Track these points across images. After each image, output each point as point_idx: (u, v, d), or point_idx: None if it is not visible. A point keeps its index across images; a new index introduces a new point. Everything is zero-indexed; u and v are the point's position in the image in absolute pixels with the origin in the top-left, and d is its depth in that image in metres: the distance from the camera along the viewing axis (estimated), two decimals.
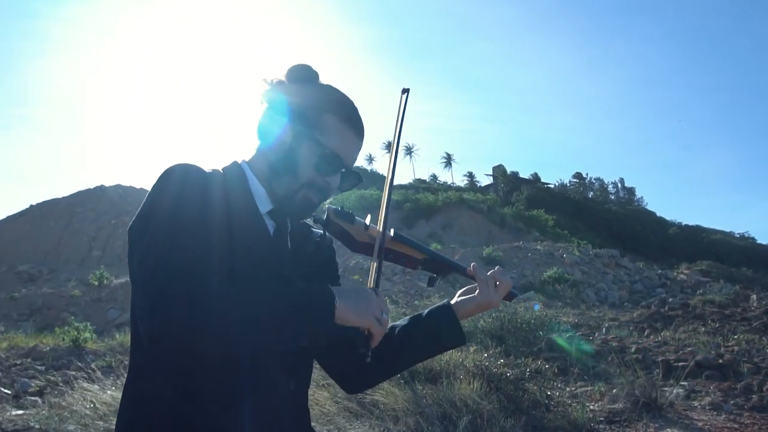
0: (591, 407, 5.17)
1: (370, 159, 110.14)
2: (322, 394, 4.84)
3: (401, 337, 1.49)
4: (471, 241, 43.06)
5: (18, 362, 9.35)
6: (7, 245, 44.54)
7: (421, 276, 25.27)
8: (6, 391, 7.12)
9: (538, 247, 29.81)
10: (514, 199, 71.75)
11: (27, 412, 5.62)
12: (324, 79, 1.38)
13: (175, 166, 1.21)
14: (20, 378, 8.05)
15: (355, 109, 1.38)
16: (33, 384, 7.56)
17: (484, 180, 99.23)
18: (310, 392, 4.50)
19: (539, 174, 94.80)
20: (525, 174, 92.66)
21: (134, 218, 1.17)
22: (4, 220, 49.44)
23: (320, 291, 1.14)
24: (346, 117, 1.34)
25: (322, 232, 1.47)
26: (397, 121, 1.36)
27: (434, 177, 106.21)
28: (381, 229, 1.35)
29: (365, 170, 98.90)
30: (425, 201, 57.52)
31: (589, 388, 5.92)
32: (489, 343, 6.96)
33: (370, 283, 1.28)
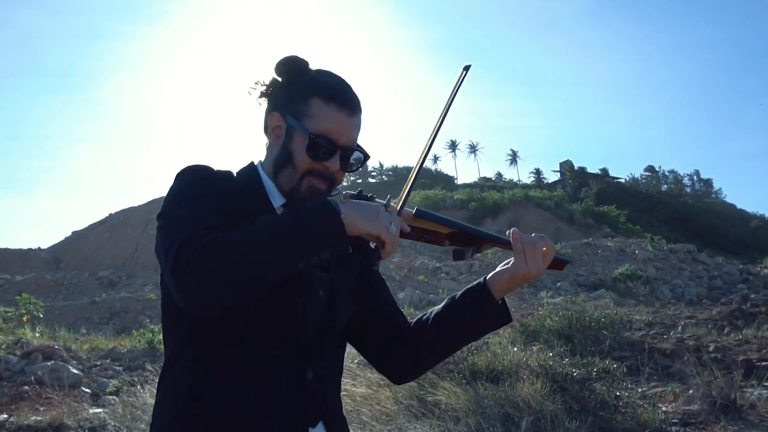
0: (663, 408, 4.95)
1: (435, 159, 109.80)
2: (384, 393, 4.83)
3: (437, 321, 1.43)
4: None
5: (98, 363, 9.80)
6: (89, 252, 47.05)
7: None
8: (87, 390, 7.47)
9: (609, 243, 28.91)
10: (583, 195, 69.80)
11: (104, 410, 5.88)
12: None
13: (187, 166, 1.27)
14: (100, 378, 8.44)
15: (343, 87, 1.36)
16: (111, 384, 7.91)
17: (551, 176, 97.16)
18: (371, 391, 4.47)
19: (608, 169, 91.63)
20: (593, 169, 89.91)
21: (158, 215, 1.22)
22: (85, 229, 52.22)
23: (322, 202, 1.16)
24: (332, 97, 1.31)
25: None
26: (452, 93, 1.33)
27: (499, 175, 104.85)
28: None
29: (430, 170, 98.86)
30: (491, 199, 56.82)
31: (661, 389, 5.67)
32: (554, 342, 6.76)
33: (399, 202, 1.29)
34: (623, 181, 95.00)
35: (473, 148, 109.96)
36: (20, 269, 41.12)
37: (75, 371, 8.21)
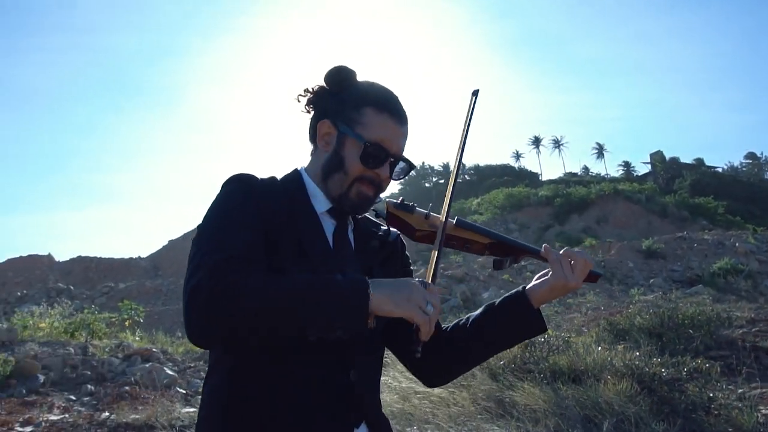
0: (764, 411, 4.63)
1: (518, 156, 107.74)
2: (461, 394, 4.80)
3: (474, 328, 1.45)
4: (628, 234, 40.55)
5: (192, 365, 10.27)
6: (184, 260, 49.23)
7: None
8: (181, 390, 7.85)
9: (706, 236, 27.41)
10: (677, 187, 66.39)
11: (195, 409, 6.16)
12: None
13: (230, 176, 1.31)
14: (193, 379, 8.84)
15: (393, 98, 1.39)
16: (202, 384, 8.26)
17: (641, 168, 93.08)
18: (448, 392, 4.45)
19: (704, 158, 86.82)
20: (687, 159, 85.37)
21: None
22: (180, 237, 54.87)
23: (354, 280, 1.15)
24: (384, 107, 1.36)
25: (386, 227, 1.47)
26: (466, 121, 1.35)
27: (586, 169, 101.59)
28: (443, 218, 1.30)
29: (512, 167, 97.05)
30: (577, 195, 55.14)
31: (762, 390, 5.31)
32: (642, 341, 6.47)
33: (429, 275, 1.24)
34: (721, 170, 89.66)
35: (557, 143, 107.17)
36: (123, 277, 43.70)
37: (170, 372, 8.65)
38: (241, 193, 1.27)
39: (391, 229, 1.47)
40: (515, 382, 4.83)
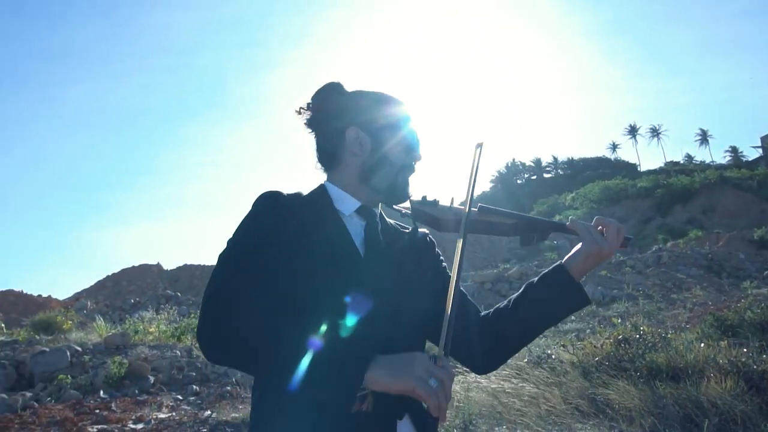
0: None
1: (614, 147, 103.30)
2: (552, 393, 4.68)
3: (516, 308, 1.45)
4: (738, 224, 37.96)
5: None
6: None
7: (678, 266, 23.02)
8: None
9: None
10: None
11: None
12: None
13: (260, 195, 1.37)
14: None
15: (393, 95, 1.50)
16: None
17: (751, 153, 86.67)
18: (539, 390, 4.35)
19: None
20: None
21: None
22: None
23: (357, 352, 1.17)
24: (396, 102, 1.48)
25: (413, 226, 1.50)
26: (471, 174, 1.34)
27: (689, 157, 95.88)
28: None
29: (608, 159, 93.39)
30: (679, 184, 52.32)
31: None
32: (750, 336, 6.05)
33: (440, 347, 1.19)
34: None
35: (655, 132, 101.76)
36: None
37: None
38: (262, 217, 1.34)
39: (420, 228, 1.50)
40: (609, 380, 4.65)
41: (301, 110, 1.49)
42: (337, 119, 1.46)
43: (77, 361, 9.01)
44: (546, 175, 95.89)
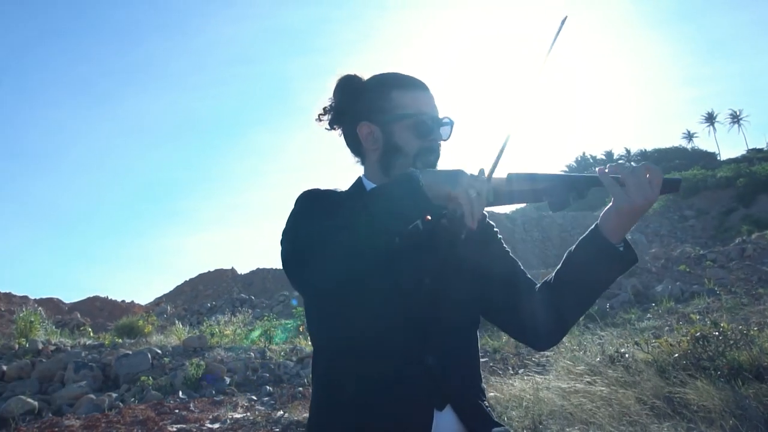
0: None
1: (690, 136, 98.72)
2: (625, 392, 4.53)
3: (561, 278, 1.42)
4: None
5: None
6: None
7: (764, 259, 21.73)
8: None
9: None
10: None
11: None
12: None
13: (302, 192, 1.42)
14: None
15: (403, 74, 1.46)
16: None
17: None
18: (611, 390, 4.22)
19: None
20: None
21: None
22: None
23: (402, 174, 1.20)
24: (404, 84, 1.44)
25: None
26: (550, 46, 1.25)
27: None
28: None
29: (685, 149, 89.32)
30: (764, 172, 49.42)
31: None
32: None
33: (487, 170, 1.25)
34: None
35: (736, 118, 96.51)
36: None
37: None
38: (309, 203, 1.39)
39: None
40: (687, 379, 4.46)
41: (320, 117, 1.52)
42: (350, 115, 1.48)
43: (158, 363, 9.41)
44: None
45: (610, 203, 1.31)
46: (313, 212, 1.34)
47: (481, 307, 1.47)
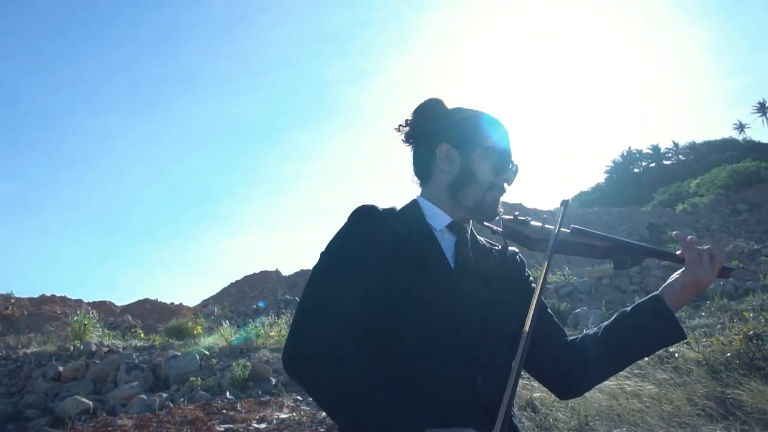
0: None
1: (741, 127, 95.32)
2: (676, 393, 4.42)
3: (607, 337, 1.41)
4: None
5: None
6: None
7: None
8: None
9: None
10: None
11: None
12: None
13: (356, 209, 1.40)
14: None
15: (491, 115, 1.50)
16: None
17: None
18: (662, 391, 4.12)
19: None
20: None
21: None
22: None
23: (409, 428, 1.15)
24: (493, 122, 1.47)
25: (504, 244, 1.50)
26: (556, 228, 1.35)
27: None
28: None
29: (737, 140, 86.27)
30: None
31: None
32: None
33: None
34: None
35: (763, 107, 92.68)
36: None
37: None
38: (358, 235, 1.35)
39: (509, 247, 1.50)
40: (740, 379, 4.32)
41: (400, 127, 1.54)
42: (431, 135, 1.49)
43: (206, 364, 9.62)
44: (666, 162, 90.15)
45: (676, 275, 1.38)
46: (346, 267, 1.32)
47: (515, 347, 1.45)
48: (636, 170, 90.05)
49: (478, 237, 1.54)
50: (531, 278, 1.56)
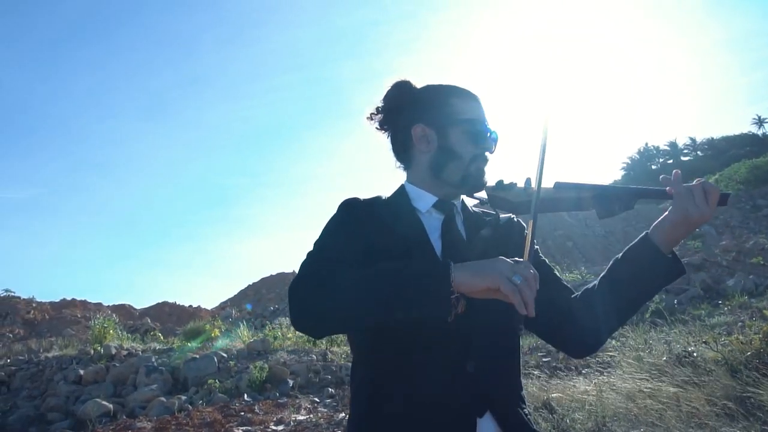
0: None
1: (760, 121, 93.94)
2: (694, 393, 4.38)
3: (605, 286, 1.40)
4: None
5: None
6: None
7: None
8: None
9: None
10: None
11: None
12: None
13: (342, 201, 1.45)
14: None
15: (459, 86, 1.50)
16: None
17: None
18: (680, 391, 4.08)
19: None
20: None
21: None
22: None
23: (436, 265, 1.16)
24: (463, 92, 1.48)
25: (494, 213, 1.50)
26: (540, 151, 1.29)
27: None
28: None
29: (756, 135, 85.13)
30: None
31: None
32: None
33: (525, 254, 1.20)
34: None
35: None
36: None
37: None
38: (345, 215, 1.42)
39: (501, 214, 1.49)
40: (761, 378, 4.27)
41: (372, 116, 1.55)
42: (404, 118, 1.50)
43: (224, 366, 9.69)
44: (684, 158, 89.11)
45: (666, 213, 1.32)
46: (337, 235, 1.37)
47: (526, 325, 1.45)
48: (653, 167, 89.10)
49: (471, 209, 1.54)
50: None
